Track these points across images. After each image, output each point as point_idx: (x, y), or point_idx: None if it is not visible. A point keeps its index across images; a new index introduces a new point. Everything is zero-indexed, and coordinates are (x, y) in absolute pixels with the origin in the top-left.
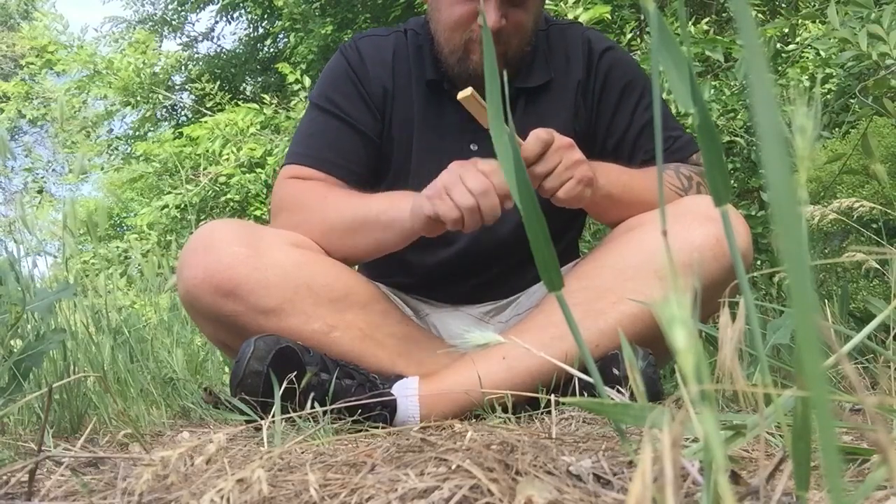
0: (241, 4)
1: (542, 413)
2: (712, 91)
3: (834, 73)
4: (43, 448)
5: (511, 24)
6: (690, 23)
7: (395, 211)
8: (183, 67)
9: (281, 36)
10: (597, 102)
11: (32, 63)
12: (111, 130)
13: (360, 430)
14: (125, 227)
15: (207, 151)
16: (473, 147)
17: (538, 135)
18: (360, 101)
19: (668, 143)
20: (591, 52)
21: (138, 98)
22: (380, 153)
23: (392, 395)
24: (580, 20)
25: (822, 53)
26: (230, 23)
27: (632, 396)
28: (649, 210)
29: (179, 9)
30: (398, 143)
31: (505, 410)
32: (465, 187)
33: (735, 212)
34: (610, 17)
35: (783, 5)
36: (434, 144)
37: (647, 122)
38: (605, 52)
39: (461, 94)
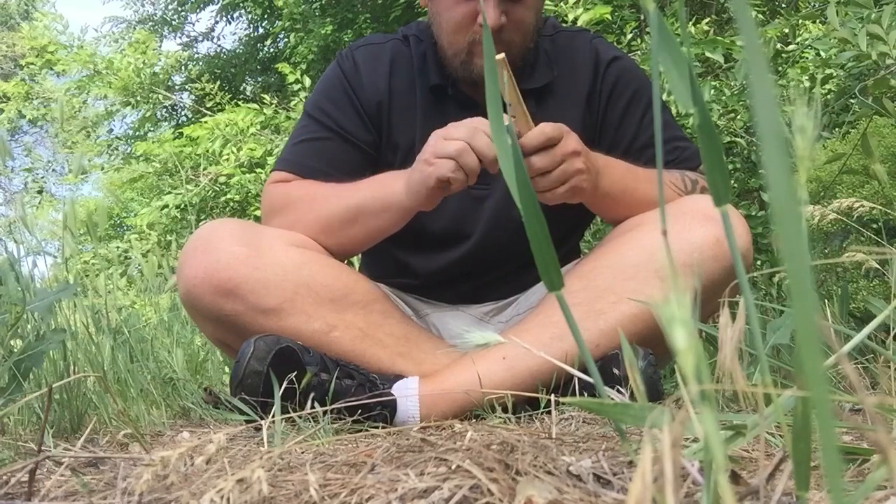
0: (241, 4)
1: (542, 413)
2: (712, 91)
3: (834, 74)
4: (43, 448)
5: (512, 21)
6: (690, 23)
7: (388, 192)
8: (183, 67)
9: (281, 36)
10: (603, 111)
11: (32, 63)
12: (111, 130)
13: (360, 430)
14: (125, 227)
15: (207, 151)
16: None
17: (543, 129)
18: (352, 112)
19: (676, 154)
20: (598, 62)
21: (138, 98)
22: (379, 162)
23: (392, 395)
24: (580, 21)
25: (822, 54)
26: (230, 23)
27: (632, 396)
28: (651, 209)
29: (179, 9)
30: (401, 150)
31: (505, 410)
32: (450, 139)
33: (735, 212)
34: (610, 18)
35: (783, 5)
36: None
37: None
38: (613, 62)
39: (498, 56)
